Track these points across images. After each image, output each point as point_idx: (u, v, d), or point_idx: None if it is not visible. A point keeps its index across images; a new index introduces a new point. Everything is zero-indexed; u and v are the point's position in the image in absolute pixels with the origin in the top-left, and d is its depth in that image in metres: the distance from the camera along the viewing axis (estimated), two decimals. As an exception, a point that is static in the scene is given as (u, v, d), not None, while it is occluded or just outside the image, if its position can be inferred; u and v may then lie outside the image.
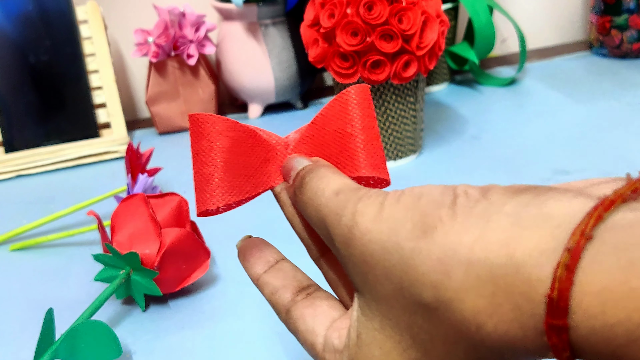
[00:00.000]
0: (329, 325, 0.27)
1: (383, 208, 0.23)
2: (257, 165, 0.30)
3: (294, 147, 0.30)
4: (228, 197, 0.29)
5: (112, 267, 0.46)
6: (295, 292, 0.29)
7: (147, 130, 0.82)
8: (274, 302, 0.29)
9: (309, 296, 0.29)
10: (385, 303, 0.23)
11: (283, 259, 0.31)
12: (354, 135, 0.29)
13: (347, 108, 0.29)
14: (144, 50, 0.75)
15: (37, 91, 0.74)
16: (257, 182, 0.30)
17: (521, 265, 0.19)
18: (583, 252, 0.18)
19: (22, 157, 0.72)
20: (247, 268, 0.30)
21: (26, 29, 0.74)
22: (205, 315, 0.46)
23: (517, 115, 0.75)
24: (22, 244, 0.57)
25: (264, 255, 0.31)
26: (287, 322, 0.29)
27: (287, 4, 0.75)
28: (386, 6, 0.56)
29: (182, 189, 0.65)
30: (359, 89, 0.29)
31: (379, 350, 0.24)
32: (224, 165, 0.29)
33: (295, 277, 0.30)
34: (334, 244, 0.25)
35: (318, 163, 0.28)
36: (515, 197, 0.21)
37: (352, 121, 0.29)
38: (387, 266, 0.23)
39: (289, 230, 0.55)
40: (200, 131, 0.29)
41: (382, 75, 0.58)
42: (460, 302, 0.20)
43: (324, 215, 0.25)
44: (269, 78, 0.78)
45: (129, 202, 0.48)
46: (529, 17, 0.97)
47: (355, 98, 0.29)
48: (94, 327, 0.41)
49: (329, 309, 0.28)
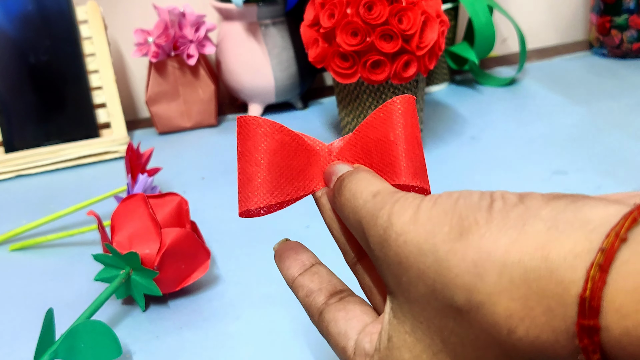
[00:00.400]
0: (361, 330, 0.27)
1: (419, 210, 0.23)
2: (300, 168, 0.30)
3: (337, 154, 0.31)
4: (270, 198, 0.29)
5: (112, 267, 0.46)
6: (329, 296, 0.29)
7: (146, 130, 0.82)
8: (307, 304, 0.30)
9: (342, 300, 0.29)
10: (417, 305, 0.24)
11: (319, 263, 0.31)
12: (396, 144, 0.29)
13: (392, 117, 0.29)
14: (143, 50, 0.75)
15: (37, 91, 0.74)
16: (299, 185, 0.30)
17: (555, 268, 0.19)
18: (617, 253, 0.18)
19: (22, 157, 0.72)
20: (283, 270, 0.31)
21: (26, 29, 0.74)
22: (205, 316, 0.46)
23: (517, 115, 0.75)
24: (21, 244, 0.57)
25: (300, 258, 0.31)
26: (319, 325, 0.29)
27: (287, 4, 0.75)
28: (386, 6, 0.56)
29: (182, 189, 0.65)
30: (405, 100, 0.30)
31: (408, 354, 0.24)
32: (268, 166, 0.29)
33: (330, 281, 0.30)
34: (369, 245, 0.25)
35: (359, 168, 0.29)
36: (552, 203, 0.21)
37: (396, 130, 0.29)
38: (422, 268, 0.23)
39: (289, 231, 0.56)
40: (246, 132, 0.29)
41: (382, 75, 0.58)
42: (492, 305, 0.21)
43: (361, 217, 0.26)
44: (269, 78, 0.78)
45: (129, 202, 0.48)
46: (528, 17, 0.97)
47: (400, 108, 0.29)
48: (94, 327, 0.41)
49: (362, 314, 0.28)
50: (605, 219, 0.19)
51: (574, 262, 0.19)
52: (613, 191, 0.56)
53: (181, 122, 0.79)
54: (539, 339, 0.20)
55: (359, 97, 0.62)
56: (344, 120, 0.65)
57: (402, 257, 0.23)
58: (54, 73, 0.74)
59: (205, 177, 0.68)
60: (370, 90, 0.61)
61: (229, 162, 0.70)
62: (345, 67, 0.58)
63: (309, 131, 0.76)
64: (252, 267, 0.51)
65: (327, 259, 0.51)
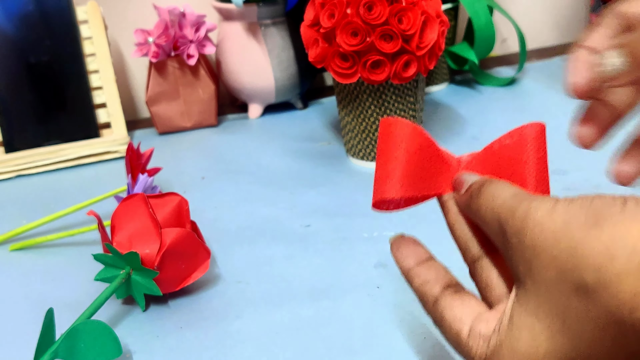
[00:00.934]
0: (476, 317, 0.30)
1: (557, 205, 0.26)
2: (433, 172, 0.34)
3: (466, 165, 0.34)
4: (404, 191, 0.33)
5: (112, 266, 0.46)
6: (445, 287, 0.32)
7: (147, 130, 0.82)
8: (422, 292, 0.32)
9: (457, 292, 0.31)
10: (544, 288, 0.26)
11: (434, 258, 0.33)
12: (527, 164, 0.33)
13: (526, 140, 0.33)
14: (144, 51, 0.75)
15: (38, 91, 0.74)
16: (430, 186, 0.34)
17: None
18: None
19: (22, 157, 0.72)
20: (399, 259, 0.33)
21: (26, 29, 0.74)
22: (205, 315, 0.46)
23: (517, 115, 0.75)
24: (22, 244, 0.57)
25: (417, 250, 0.33)
26: (433, 312, 0.31)
27: (287, 4, 0.75)
28: (386, 6, 0.56)
29: (182, 189, 0.65)
30: (538, 127, 0.33)
31: (528, 333, 0.26)
32: (406, 164, 0.33)
33: (446, 275, 0.32)
34: (505, 236, 0.28)
35: (493, 178, 0.32)
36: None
37: (528, 152, 0.33)
38: (555, 252, 0.25)
39: (289, 230, 0.56)
40: (389, 132, 0.33)
41: (382, 75, 0.58)
42: (619, 284, 0.23)
43: (499, 213, 0.28)
44: (269, 78, 0.78)
45: (129, 202, 0.48)
46: (528, 17, 0.97)
47: (533, 132, 0.33)
48: (94, 327, 0.41)
49: (477, 305, 0.30)
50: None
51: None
52: (612, 190, 0.56)
53: (181, 122, 0.79)
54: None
55: (359, 97, 0.62)
56: (344, 120, 0.65)
57: (537, 242, 0.26)
58: (54, 73, 0.75)
59: (206, 177, 0.68)
60: (370, 90, 0.61)
61: (229, 162, 0.71)
62: (345, 67, 0.58)
63: (309, 131, 0.76)
64: (252, 266, 0.51)
65: (325, 257, 0.51)
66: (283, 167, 0.68)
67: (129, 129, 0.82)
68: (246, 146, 0.74)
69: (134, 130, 0.82)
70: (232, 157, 0.72)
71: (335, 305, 0.46)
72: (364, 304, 0.45)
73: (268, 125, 0.80)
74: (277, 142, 0.74)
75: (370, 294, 0.46)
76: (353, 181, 0.63)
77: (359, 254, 0.51)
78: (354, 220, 0.56)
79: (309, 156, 0.70)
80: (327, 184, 0.63)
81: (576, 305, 0.24)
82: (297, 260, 0.51)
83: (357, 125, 0.64)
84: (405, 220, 0.55)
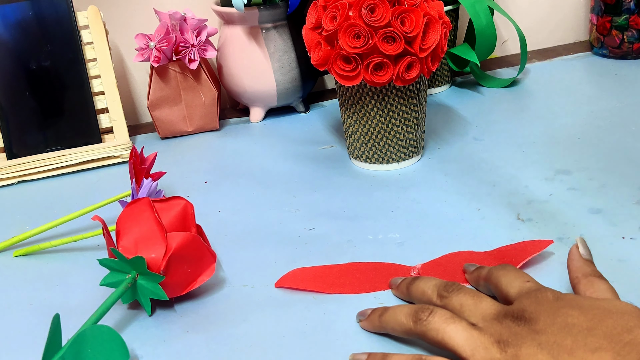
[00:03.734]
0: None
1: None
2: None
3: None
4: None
5: (118, 271, 0.46)
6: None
7: (148, 135, 0.82)
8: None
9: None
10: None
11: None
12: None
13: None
14: (145, 55, 0.75)
15: (39, 97, 0.74)
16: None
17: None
18: None
19: (25, 162, 0.72)
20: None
21: (27, 35, 0.74)
22: (212, 319, 0.46)
23: (519, 115, 0.75)
24: (25, 250, 0.57)
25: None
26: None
27: (288, 8, 0.75)
28: (388, 8, 0.56)
29: (185, 194, 0.65)
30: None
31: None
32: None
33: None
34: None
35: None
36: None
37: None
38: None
39: (293, 233, 0.56)
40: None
41: (385, 77, 0.58)
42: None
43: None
44: (271, 82, 0.78)
45: (133, 206, 0.48)
46: (529, 18, 0.97)
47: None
48: (101, 332, 0.41)
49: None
50: None
51: None
52: (617, 189, 0.56)
53: (183, 126, 0.79)
54: None
55: (361, 99, 0.62)
56: (347, 123, 0.65)
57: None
58: (55, 79, 0.75)
59: (208, 181, 0.68)
60: (373, 93, 0.61)
61: (232, 166, 0.70)
62: (348, 69, 0.58)
63: (312, 134, 0.76)
64: (258, 269, 0.51)
65: (330, 260, 0.51)
66: (286, 170, 0.68)
67: (131, 134, 0.82)
68: (248, 150, 0.74)
69: (135, 135, 0.82)
70: (235, 161, 0.72)
71: (342, 308, 0.46)
72: (370, 307, 0.45)
73: (270, 129, 0.80)
74: (280, 146, 0.74)
75: (377, 297, 0.46)
76: (356, 184, 0.63)
77: (364, 257, 0.51)
78: (359, 223, 0.56)
79: (312, 159, 0.70)
80: (331, 187, 0.63)
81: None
82: (302, 263, 0.51)
83: (360, 128, 0.64)
84: (410, 222, 0.55)
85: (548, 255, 0.48)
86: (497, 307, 0.38)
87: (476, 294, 0.40)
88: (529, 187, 0.59)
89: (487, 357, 0.35)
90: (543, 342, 0.34)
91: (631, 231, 0.50)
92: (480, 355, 0.35)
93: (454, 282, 0.42)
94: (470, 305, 0.39)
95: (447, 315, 0.38)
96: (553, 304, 0.36)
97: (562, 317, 0.35)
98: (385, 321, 0.41)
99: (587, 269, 0.41)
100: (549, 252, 0.49)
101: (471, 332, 0.36)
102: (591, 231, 0.51)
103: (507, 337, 0.35)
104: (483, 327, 0.37)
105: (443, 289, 0.42)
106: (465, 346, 0.36)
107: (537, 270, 0.47)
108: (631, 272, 0.46)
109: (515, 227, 0.53)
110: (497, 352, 0.35)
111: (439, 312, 0.38)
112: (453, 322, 0.37)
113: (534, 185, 0.59)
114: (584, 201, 0.55)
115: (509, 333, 0.35)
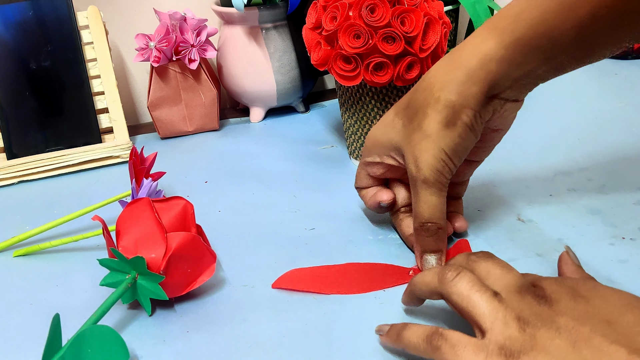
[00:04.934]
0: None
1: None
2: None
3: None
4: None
5: (118, 271, 0.46)
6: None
7: (148, 135, 0.82)
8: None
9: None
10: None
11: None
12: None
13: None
14: (145, 55, 0.75)
15: (39, 97, 0.74)
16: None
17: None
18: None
19: (25, 162, 0.72)
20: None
21: (27, 35, 0.74)
22: (212, 319, 0.46)
23: (518, 116, 0.75)
24: (25, 250, 0.57)
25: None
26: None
27: (288, 8, 0.75)
28: (388, 8, 0.56)
29: (185, 194, 0.65)
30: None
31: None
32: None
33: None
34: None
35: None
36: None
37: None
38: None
39: (293, 233, 0.55)
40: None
41: (385, 77, 0.58)
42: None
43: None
44: (271, 82, 0.78)
45: (133, 206, 0.48)
46: (528, 18, 0.96)
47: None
48: (101, 332, 0.41)
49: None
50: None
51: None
52: (618, 189, 0.57)
53: (183, 126, 0.79)
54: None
55: (362, 99, 0.62)
56: (347, 123, 0.65)
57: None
58: (55, 79, 0.75)
59: (208, 181, 0.68)
60: (373, 93, 0.61)
61: (232, 166, 0.70)
62: (348, 69, 0.58)
63: (312, 134, 0.76)
64: (258, 269, 0.51)
65: (330, 260, 0.51)
66: (286, 170, 0.68)
67: (131, 134, 0.82)
68: (248, 150, 0.74)
69: (135, 135, 0.82)
70: (235, 161, 0.72)
71: (342, 309, 0.45)
72: (371, 308, 0.45)
73: (270, 129, 0.80)
74: (280, 146, 0.74)
75: (378, 297, 0.46)
76: (357, 184, 0.63)
77: (365, 257, 0.51)
78: (359, 223, 0.56)
79: (312, 159, 0.70)
80: (331, 187, 0.63)
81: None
82: (302, 263, 0.51)
83: (360, 128, 0.64)
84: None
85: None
86: (522, 280, 0.37)
87: (505, 265, 0.39)
88: (530, 188, 0.59)
89: (506, 333, 0.34)
90: (562, 325, 0.33)
91: (631, 232, 0.51)
92: (499, 329, 0.34)
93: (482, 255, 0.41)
94: (497, 275, 0.38)
95: (473, 281, 0.37)
96: (576, 287, 0.36)
97: (583, 304, 0.35)
98: (404, 337, 0.39)
99: (583, 273, 0.41)
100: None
101: (494, 303, 0.36)
102: (591, 232, 0.51)
103: (527, 316, 0.34)
104: (506, 297, 0.36)
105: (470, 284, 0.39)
106: (487, 316, 0.35)
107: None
108: (631, 272, 0.46)
109: (515, 228, 0.53)
110: (516, 330, 0.34)
111: (467, 277, 0.38)
112: (478, 291, 0.36)
113: (535, 185, 0.59)
114: (583, 202, 0.55)
115: (530, 312, 0.35)
